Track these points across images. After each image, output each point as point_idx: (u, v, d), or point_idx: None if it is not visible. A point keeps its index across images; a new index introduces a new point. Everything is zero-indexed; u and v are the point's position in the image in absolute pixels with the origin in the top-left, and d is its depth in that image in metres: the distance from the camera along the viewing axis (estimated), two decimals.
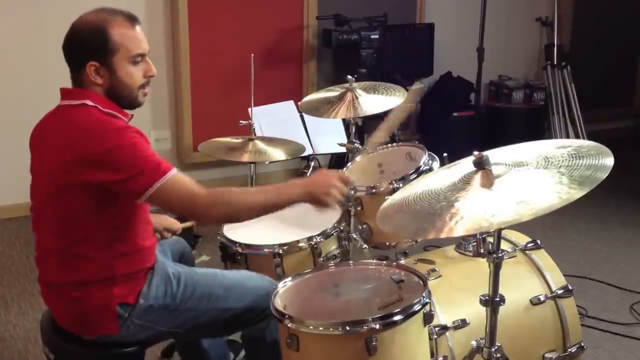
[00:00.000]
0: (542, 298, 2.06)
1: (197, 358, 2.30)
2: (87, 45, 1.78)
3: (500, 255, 1.61)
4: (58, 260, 1.83)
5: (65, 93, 1.86)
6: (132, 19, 1.83)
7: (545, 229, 3.86)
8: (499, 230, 1.59)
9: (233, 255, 2.28)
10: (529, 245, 2.15)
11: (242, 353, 2.49)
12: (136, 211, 1.84)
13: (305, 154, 3.16)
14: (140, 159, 1.72)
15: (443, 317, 1.91)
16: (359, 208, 2.24)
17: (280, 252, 2.20)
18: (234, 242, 2.27)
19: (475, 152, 1.54)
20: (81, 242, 1.79)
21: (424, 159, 2.23)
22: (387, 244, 2.26)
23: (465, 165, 1.61)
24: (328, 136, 3.68)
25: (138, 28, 1.83)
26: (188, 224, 2.29)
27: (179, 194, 1.75)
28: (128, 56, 1.81)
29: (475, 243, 2.02)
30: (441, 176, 1.66)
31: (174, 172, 1.76)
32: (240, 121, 2.79)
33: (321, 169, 1.99)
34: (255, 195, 1.85)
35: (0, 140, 4.05)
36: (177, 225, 2.21)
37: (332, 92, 2.65)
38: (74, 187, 1.74)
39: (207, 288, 1.93)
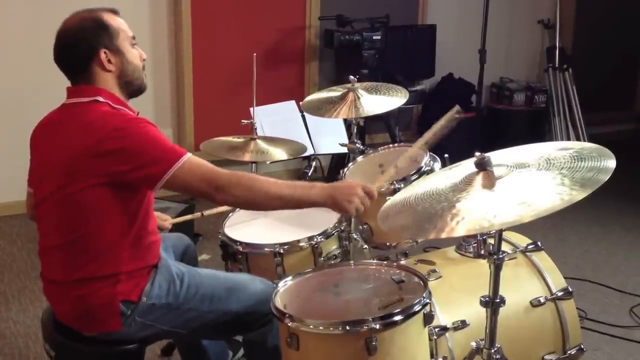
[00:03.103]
0: (542, 300, 2.06)
1: (196, 355, 2.31)
2: (93, 36, 1.82)
3: (500, 256, 1.61)
4: (62, 257, 1.83)
5: (73, 91, 1.87)
6: (114, 11, 1.90)
7: (545, 231, 3.87)
8: (500, 231, 1.59)
9: (234, 254, 2.28)
10: (530, 246, 2.15)
11: (241, 352, 2.49)
12: (142, 206, 1.85)
13: (306, 154, 3.16)
14: (154, 146, 1.76)
15: (443, 317, 1.91)
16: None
17: (281, 251, 2.20)
18: (235, 241, 2.27)
19: (477, 153, 1.54)
20: (86, 238, 1.80)
21: (426, 159, 2.23)
22: (388, 244, 2.26)
23: (467, 166, 1.62)
24: (329, 136, 3.68)
25: (120, 18, 1.90)
26: (178, 219, 2.29)
27: (200, 174, 1.77)
28: (127, 38, 1.88)
29: (475, 244, 2.02)
30: (442, 177, 1.66)
31: (190, 155, 1.79)
32: (242, 120, 2.79)
33: (347, 180, 2.00)
34: (278, 186, 1.84)
35: (2, 138, 4.05)
36: (168, 223, 2.22)
37: (334, 92, 2.65)
38: (85, 181, 1.75)
39: (209, 289, 1.93)
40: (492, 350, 1.68)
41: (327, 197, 1.87)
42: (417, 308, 1.66)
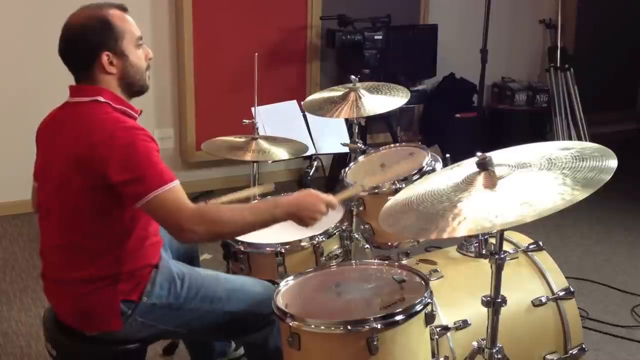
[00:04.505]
0: (543, 299, 2.06)
1: (200, 344, 2.32)
2: (96, 37, 1.80)
3: (502, 256, 1.61)
4: (64, 256, 1.84)
5: (75, 90, 1.87)
6: (122, 8, 1.87)
7: (547, 230, 3.86)
8: (502, 231, 1.59)
9: (235, 254, 2.28)
10: (531, 246, 2.16)
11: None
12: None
13: (308, 153, 3.16)
14: (145, 164, 1.73)
15: (444, 317, 1.91)
16: (361, 208, 2.25)
17: (283, 251, 2.20)
18: (236, 241, 2.27)
19: (479, 153, 1.54)
20: (87, 238, 1.80)
21: (427, 159, 2.23)
22: (389, 244, 2.26)
23: (468, 166, 1.62)
24: (331, 136, 3.68)
25: (128, 15, 1.87)
26: None
27: (172, 208, 1.73)
28: (133, 40, 1.85)
29: (477, 244, 2.02)
30: (444, 177, 1.66)
31: (176, 184, 1.75)
32: (244, 120, 2.79)
33: (309, 189, 1.96)
34: (241, 213, 1.82)
35: (4, 137, 4.06)
36: None
37: (335, 92, 2.65)
38: (84, 181, 1.75)
39: (210, 290, 1.93)
40: (494, 350, 1.68)
41: (291, 215, 1.87)
42: (418, 308, 1.66)
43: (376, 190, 2.19)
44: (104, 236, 1.81)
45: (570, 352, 2.09)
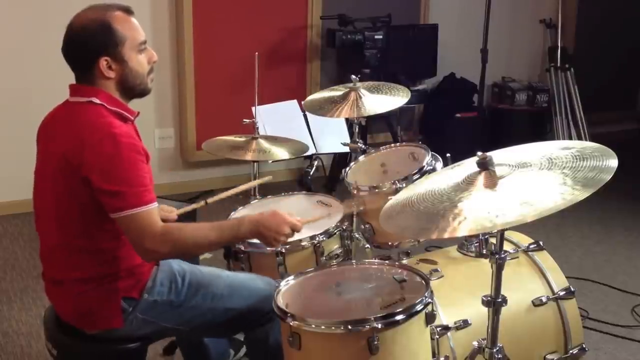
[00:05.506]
0: (544, 299, 2.06)
1: (197, 353, 2.31)
2: (96, 42, 1.79)
3: (502, 256, 1.61)
4: (61, 256, 1.84)
5: (74, 90, 1.87)
6: (127, 11, 1.86)
7: (547, 230, 3.87)
8: (502, 231, 1.59)
9: (235, 253, 2.28)
10: (532, 246, 2.16)
11: (243, 350, 2.50)
12: None
13: (308, 153, 3.16)
14: (128, 179, 1.72)
15: (445, 317, 1.91)
16: (361, 208, 2.25)
17: (283, 250, 2.20)
18: None
19: (479, 153, 1.54)
20: (82, 237, 1.81)
21: (427, 159, 2.23)
22: (390, 243, 2.26)
23: (469, 166, 1.62)
24: (331, 136, 3.68)
25: (133, 18, 1.86)
26: (183, 209, 2.28)
27: (140, 228, 1.73)
28: (134, 45, 1.83)
29: (477, 244, 2.02)
30: (444, 177, 1.66)
31: (151, 207, 1.75)
32: (244, 120, 2.80)
33: (275, 211, 1.94)
34: (204, 232, 1.83)
35: (5, 137, 4.06)
36: (174, 214, 2.22)
37: (335, 92, 2.66)
38: (71, 182, 1.76)
39: (211, 287, 1.94)
40: (494, 350, 1.68)
41: (255, 234, 1.89)
42: (419, 307, 1.66)
43: (377, 190, 2.19)
44: (98, 235, 1.81)
45: (571, 351, 2.09)
